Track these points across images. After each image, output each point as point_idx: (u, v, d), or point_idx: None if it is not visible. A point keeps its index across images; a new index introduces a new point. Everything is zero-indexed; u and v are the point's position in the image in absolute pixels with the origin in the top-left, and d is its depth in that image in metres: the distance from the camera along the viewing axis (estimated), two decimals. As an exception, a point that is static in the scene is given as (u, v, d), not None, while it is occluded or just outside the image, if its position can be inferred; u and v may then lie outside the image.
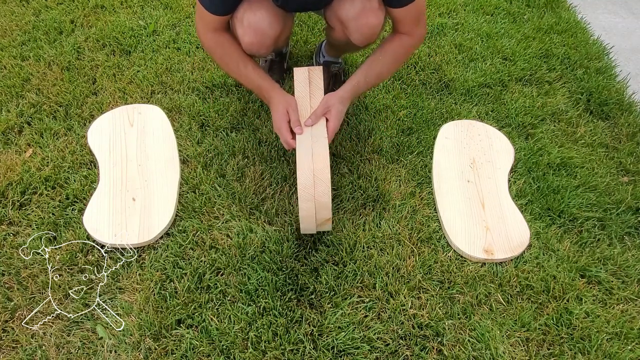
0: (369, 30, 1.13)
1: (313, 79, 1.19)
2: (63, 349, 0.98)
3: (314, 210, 1.01)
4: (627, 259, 1.17)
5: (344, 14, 1.13)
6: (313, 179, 0.99)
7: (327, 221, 1.06)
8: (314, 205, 1.01)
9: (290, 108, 1.11)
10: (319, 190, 0.99)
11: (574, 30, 1.89)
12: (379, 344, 1.00)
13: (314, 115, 1.11)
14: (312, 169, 1.00)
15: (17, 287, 1.07)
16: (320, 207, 1.01)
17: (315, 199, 1.00)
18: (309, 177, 0.99)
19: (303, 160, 1.01)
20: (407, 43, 1.17)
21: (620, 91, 1.63)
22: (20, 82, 1.55)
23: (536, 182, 1.34)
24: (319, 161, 1.00)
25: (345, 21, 1.14)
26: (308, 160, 1.01)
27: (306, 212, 1.01)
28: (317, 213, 1.02)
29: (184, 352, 0.97)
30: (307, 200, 1.00)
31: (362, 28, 1.13)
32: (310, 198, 1.00)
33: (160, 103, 1.50)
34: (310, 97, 1.16)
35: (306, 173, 0.99)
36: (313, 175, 0.99)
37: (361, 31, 1.14)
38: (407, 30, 1.15)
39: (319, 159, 1.01)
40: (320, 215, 1.03)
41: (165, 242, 1.15)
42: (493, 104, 1.57)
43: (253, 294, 1.07)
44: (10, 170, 1.29)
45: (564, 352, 1.01)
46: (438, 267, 1.14)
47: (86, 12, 1.86)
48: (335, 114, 1.11)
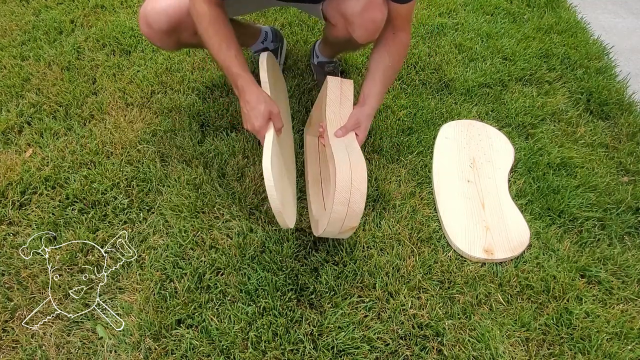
0: (374, 26, 1.12)
1: (344, 90, 1.19)
2: (63, 349, 0.98)
3: (344, 214, 1.01)
4: (627, 259, 1.17)
5: (348, 9, 1.12)
6: (350, 185, 0.99)
7: (351, 229, 1.05)
8: (346, 210, 1.00)
9: (274, 113, 1.09)
10: (355, 198, 0.99)
11: (574, 30, 1.89)
12: (379, 344, 1.00)
13: (344, 128, 1.12)
14: (351, 177, 1.00)
15: (17, 287, 1.07)
16: (351, 215, 1.01)
17: (349, 206, 1.00)
18: (347, 183, 0.99)
19: (342, 167, 1.01)
20: (405, 41, 1.18)
21: (620, 91, 1.63)
22: (20, 82, 1.55)
23: (536, 182, 1.34)
24: (357, 171, 1.01)
25: (349, 16, 1.13)
26: (347, 167, 1.01)
27: (337, 214, 1.00)
28: (346, 219, 1.02)
29: (184, 352, 0.97)
30: (342, 204, 0.99)
31: (367, 23, 1.12)
32: (345, 202, 0.99)
33: (160, 103, 1.50)
34: (341, 106, 1.17)
35: (345, 178, 0.99)
36: (351, 183, 0.99)
37: (366, 27, 1.13)
38: (402, 26, 1.15)
39: (358, 169, 1.01)
40: (348, 222, 1.02)
41: (165, 242, 1.15)
42: (493, 104, 1.57)
43: (253, 294, 1.07)
44: (10, 170, 1.29)
45: (564, 352, 1.01)
46: (438, 267, 1.14)
47: (86, 12, 1.86)
48: (364, 129, 1.14)
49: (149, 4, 1.13)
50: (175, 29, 1.15)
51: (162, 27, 1.14)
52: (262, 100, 1.08)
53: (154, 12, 1.12)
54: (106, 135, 1.40)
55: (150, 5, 1.13)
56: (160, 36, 1.16)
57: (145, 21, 1.14)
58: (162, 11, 1.12)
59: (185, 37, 1.19)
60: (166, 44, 1.20)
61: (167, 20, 1.13)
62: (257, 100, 1.08)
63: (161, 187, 1.27)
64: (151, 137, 1.40)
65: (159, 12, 1.12)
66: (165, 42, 1.19)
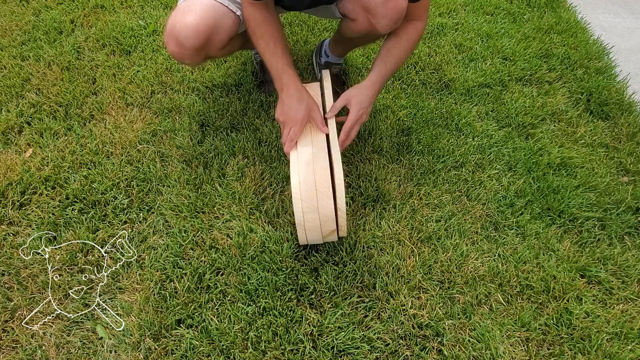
0: (398, 14, 1.11)
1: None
2: (63, 349, 0.98)
3: (318, 221, 1.01)
4: (627, 259, 1.17)
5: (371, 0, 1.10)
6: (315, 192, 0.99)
7: (333, 232, 1.05)
8: (318, 217, 1.00)
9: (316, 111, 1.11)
10: (322, 203, 0.99)
11: (574, 30, 1.89)
12: (378, 344, 1.00)
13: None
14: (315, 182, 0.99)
15: (17, 287, 1.07)
16: (324, 220, 1.01)
17: (319, 211, 0.99)
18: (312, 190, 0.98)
19: (303, 176, 1.00)
20: (420, 27, 1.17)
21: (620, 91, 1.63)
22: (20, 82, 1.55)
23: (536, 182, 1.34)
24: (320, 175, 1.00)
25: (372, 7, 1.11)
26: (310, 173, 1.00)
27: (311, 223, 1.00)
28: (322, 225, 1.02)
29: (184, 352, 0.97)
30: (312, 211, 0.99)
31: (391, 12, 1.10)
32: (314, 210, 0.99)
33: (160, 103, 1.50)
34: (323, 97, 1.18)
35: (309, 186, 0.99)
36: (315, 189, 0.99)
37: (390, 15, 1.11)
38: (419, 15, 1.15)
39: (319, 173, 1.00)
40: (325, 227, 1.03)
41: (165, 242, 1.15)
42: (493, 103, 1.57)
43: (253, 294, 1.07)
44: (10, 170, 1.29)
45: (564, 352, 1.01)
46: (438, 267, 1.14)
47: (86, 12, 1.86)
48: (355, 103, 1.12)
49: (177, 21, 1.08)
50: (205, 45, 1.12)
51: (194, 44, 1.09)
52: (305, 98, 1.10)
53: (185, 30, 1.07)
54: (106, 135, 1.40)
55: (180, 24, 1.08)
56: (191, 53, 1.12)
57: (176, 41, 1.09)
58: (193, 29, 1.07)
59: (213, 51, 1.17)
60: (195, 60, 1.16)
61: (198, 36, 1.08)
62: (300, 98, 1.10)
63: (161, 187, 1.27)
64: (151, 137, 1.40)
65: (190, 30, 1.07)
66: (195, 59, 1.15)
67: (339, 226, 1.04)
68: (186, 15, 1.07)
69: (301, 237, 1.05)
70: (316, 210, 0.99)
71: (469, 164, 1.38)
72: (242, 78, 1.59)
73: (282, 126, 1.12)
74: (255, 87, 1.56)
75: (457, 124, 1.49)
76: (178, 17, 1.08)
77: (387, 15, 1.11)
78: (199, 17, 1.07)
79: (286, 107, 1.10)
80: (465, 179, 1.34)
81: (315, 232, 1.03)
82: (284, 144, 1.10)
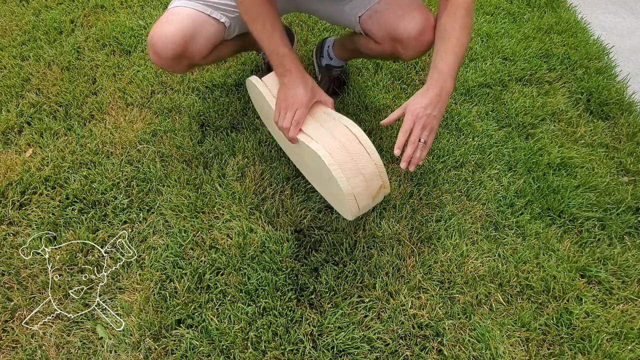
0: (427, 47, 1.09)
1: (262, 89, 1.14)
2: (63, 349, 0.98)
3: (364, 182, 0.95)
4: (627, 259, 1.17)
5: (400, 31, 1.06)
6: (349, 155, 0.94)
7: (383, 189, 0.98)
8: (363, 177, 0.95)
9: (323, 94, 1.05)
10: (362, 162, 0.94)
11: (574, 30, 1.89)
12: (378, 344, 1.00)
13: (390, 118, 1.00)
14: (343, 146, 0.94)
15: (17, 287, 1.07)
16: (370, 177, 0.95)
17: (362, 173, 0.94)
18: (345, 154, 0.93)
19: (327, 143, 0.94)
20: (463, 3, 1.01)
21: (620, 91, 1.63)
22: (20, 82, 1.55)
23: (536, 182, 1.34)
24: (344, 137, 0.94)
25: (403, 39, 1.07)
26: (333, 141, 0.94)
27: (359, 187, 0.94)
28: (369, 185, 0.96)
29: (184, 352, 0.97)
30: (355, 175, 0.93)
31: (422, 46, 1.08)
32: (356, 171, 0.93)
33: (160, 103, 1.50)
34: None
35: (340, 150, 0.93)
36: (347, 152, 0.94)
37: (419, 48, 1.09)
38: None
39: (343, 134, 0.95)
40: (373, 184, 0.96)
41: (165, 242, 1.15)
42: (493, 103, 1.57)
43: (253, 294, 1.07)
44: (10, 170, 1.29)
45: (564, 352, 1.01)
46: (438, 267, 1.14)
47: (86, 12, 1.86)
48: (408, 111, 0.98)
49: (156, 32, 1.10)
50: (182, 54, 1.11)
51: (171, 54, 1.10)
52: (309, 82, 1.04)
53: (160, 41, 1.08)
54: (106, 135, 1.40)
55: (157, 35, 1.09)
56: (170, 63, 1.13)
57: (154, 50, 1.10)
58: (169, 40, 1.08)
59: (196, 59, 1.16)
60: (178, 69, 1.17)
61: (174, 48, 1.09)
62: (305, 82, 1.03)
63: (161, 187, 1.27)
64: (151, 137, 1.40)
65: (166, 41, 1.08)
66: (176, 68, 1.16)
67: (383, 182, 0.98)
68: (164, 25, 1.09)
69: (353, 209, 0.99)
70: (359, 172, 0.94)
71: (469, 164, 1.38)
72: (242, 78, 1.59)
73: (284, 111, 1.04)
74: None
75: (457, 124, 1.49)
76: (157, 28, 1.09)
77: (417, 48, 1.09)
78: (175, 27, 1.09)
79: (291, 91, 1.03)
80: (465, 179, 1.34)
81: (365, 195, 0.97)
82: (285, 129, 1.02)
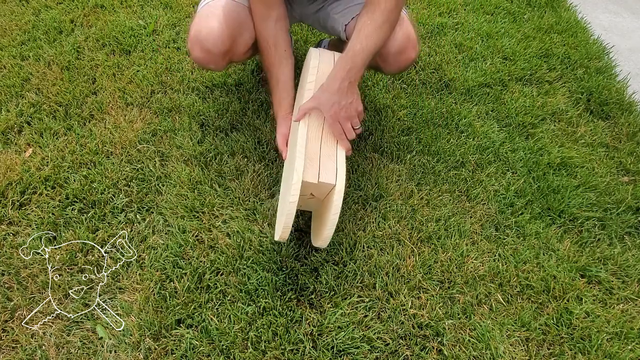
0: (407, 64, 1.10)
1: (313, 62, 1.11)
2: (63, 349, 0.98)
3: None
4: (627, 259, 1.17)
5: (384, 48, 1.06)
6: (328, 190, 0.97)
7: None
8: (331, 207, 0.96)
9: None
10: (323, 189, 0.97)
11: (574, 30, 1.89)
12: (378, 343, 1.00)
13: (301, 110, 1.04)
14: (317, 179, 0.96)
15: (17, 287, 1.07)
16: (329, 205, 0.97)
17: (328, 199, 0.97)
18: None
19: None
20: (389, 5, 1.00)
21: (620, 91, 1.63)
22: (20, 82, 1.55)
23: (536, 181, 1.34)
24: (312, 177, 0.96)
25: (384, 55, 1.08)
26: None
27: None
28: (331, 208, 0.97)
29: (184, 352, 0.97)
30: None
31: (402, 63, 1.09)
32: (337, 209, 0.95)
33: (160, 103, 1.50)
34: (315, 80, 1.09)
35: None
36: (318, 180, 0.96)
37: (399, 65, 1.10)
38: None
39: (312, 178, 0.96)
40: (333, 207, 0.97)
41: (165, 242, 1.15)
42: (493, 103, 1.57)
43: (253, 294, 1.07)
44: (10, 170, 1.29)
45: (564, 352, 1.01)
46: (438, 267, 1.13)
47: (86, 11, 1.85)
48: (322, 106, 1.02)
49: (202, 27, 1.04)
50: (230, 49, 1.09)
51: (221, 49, 1.06)
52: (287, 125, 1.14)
53: (212, 35, 1.03)
54: (106, 135, 1.40)
55: (205, 30, 1.04)
56: (217, 59, 1.09)
57: (201, 46, 1.05)
58: (218, 33, 1.04)
59: (237, 55, 1.14)
60: (221, 65, 1.13)
61: (224, 41, 1.05)
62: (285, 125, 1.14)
63: (161, 187, 1.27)
64: (151, 137, 1.40)
65: (216, 34, 1.04)
66: (220, 63, 1.12)
67: None
68: (210, 20, 1.04)
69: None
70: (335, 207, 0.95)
71: (469, 163, 1.38)
72: (242, 78, 1.59)
73: None
74: (254, 87, 1.56)
75: (457, 123, 1.49)
76: (202, 23, 1.04)
77: (396, 65, 1.10)
78: (223, 20, 1.04)
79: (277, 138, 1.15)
80: (465, 178, 1.34)
81: None
82: None
